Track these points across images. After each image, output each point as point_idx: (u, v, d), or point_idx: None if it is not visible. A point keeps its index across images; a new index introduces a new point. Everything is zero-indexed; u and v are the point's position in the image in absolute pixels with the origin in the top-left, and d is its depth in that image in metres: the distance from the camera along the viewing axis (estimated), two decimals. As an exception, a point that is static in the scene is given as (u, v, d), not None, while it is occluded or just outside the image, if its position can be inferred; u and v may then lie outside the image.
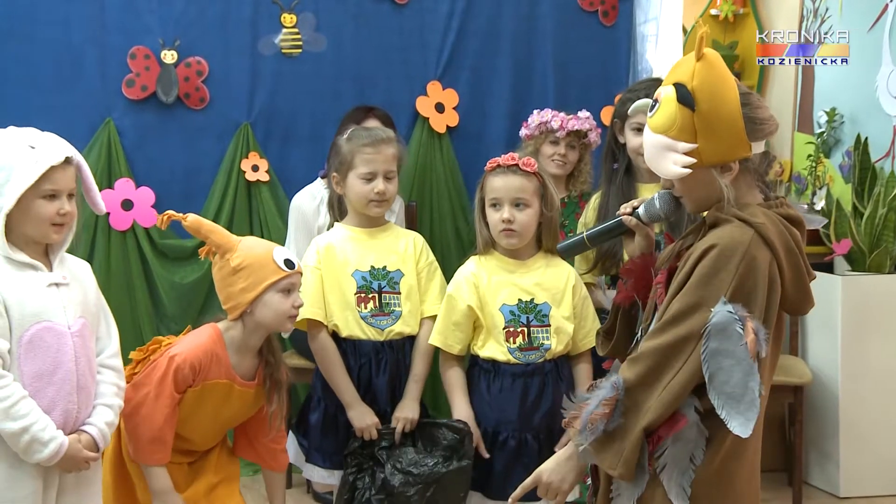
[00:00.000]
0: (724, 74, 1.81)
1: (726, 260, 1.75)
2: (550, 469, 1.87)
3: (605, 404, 1.77)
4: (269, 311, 2.35)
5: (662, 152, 1.82)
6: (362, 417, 2.56)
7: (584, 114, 3.75)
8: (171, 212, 2.37)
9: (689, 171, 1.79)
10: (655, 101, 1.85)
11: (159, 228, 3.72)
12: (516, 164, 2.49)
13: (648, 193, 2.60)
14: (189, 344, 2.36)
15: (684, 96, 1.79)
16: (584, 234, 2.09)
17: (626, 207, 2.03)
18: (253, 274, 2.33)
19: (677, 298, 1.78)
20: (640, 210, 1.99)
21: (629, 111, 2.58)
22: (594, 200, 2.83)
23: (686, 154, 1.79)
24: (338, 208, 2.80)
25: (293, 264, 2.38)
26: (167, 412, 2.32)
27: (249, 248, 2.38)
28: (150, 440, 2.32)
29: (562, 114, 3.72)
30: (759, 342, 1.70)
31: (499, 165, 2.52)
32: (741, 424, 1.70)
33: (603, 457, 1.79)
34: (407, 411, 2.59)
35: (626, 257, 2.13)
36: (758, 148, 1.82)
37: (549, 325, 2.52)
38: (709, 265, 1.76)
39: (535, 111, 3.76)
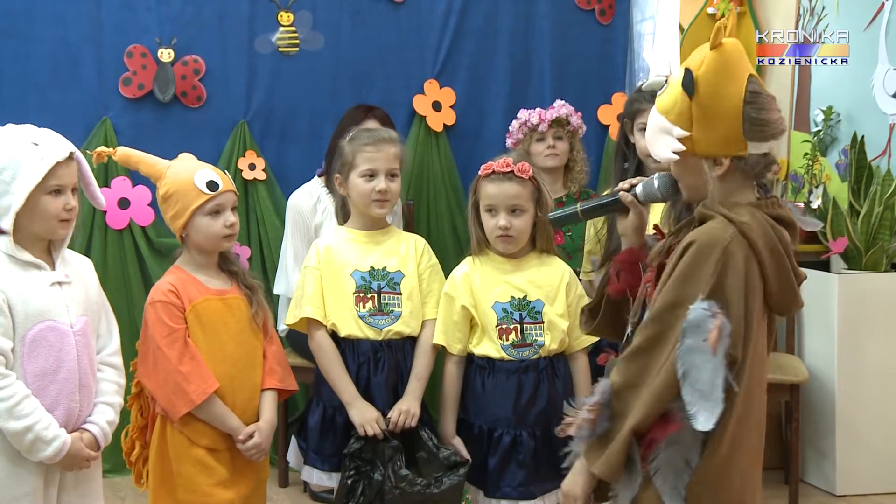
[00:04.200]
0: (734, 69, 1.77)
1: (705, 257, 1.73)
2: (567, 478, 1.86)
3: (590, 409, 1.78)
4: (200, 235, 2.41)
5: (659, 134, 1.83)
6: (363, 413, 2.53)
7: (559, 102, 3.78)
8: (101, 147, 2.36)
9: (677, 157, 1.80)
10: (667, 81, 1.86)
11: (156, 228, 3.77)
12: (512, 171, 2.47)
13: None
14: (156, 285, 2.44)
15: (687, 83, 1.77)
16: (579, 207, 2.13)
17: (624, 184, 2.04)
18: (179, 201, 2.39)
19: (659, 296, 1.78)
20: (638, 189, 2.00)
21: (642, 101, 2.62)
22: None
23: (680, 140, 1.79)
24: (341, 214, 2.76)
25: (216, 185, 2.40)
26: (179, 347, 2.32)
27: (176, 174, 2.42)
28: (175, 386, 2.31)
29: (538, 109, 3.74)
30: (722, 339, 1.68)
31: (494, 172, 2.49)
32: (705, 420, 1.69)
33: (590, 457, 1.79)
34: (405, 404, 2.56)
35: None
36: (756, 149, 1.79)
37: (542, 322, 2.51)
38: (688, 262, 1.75)
39: (514, 119, 3.79)
